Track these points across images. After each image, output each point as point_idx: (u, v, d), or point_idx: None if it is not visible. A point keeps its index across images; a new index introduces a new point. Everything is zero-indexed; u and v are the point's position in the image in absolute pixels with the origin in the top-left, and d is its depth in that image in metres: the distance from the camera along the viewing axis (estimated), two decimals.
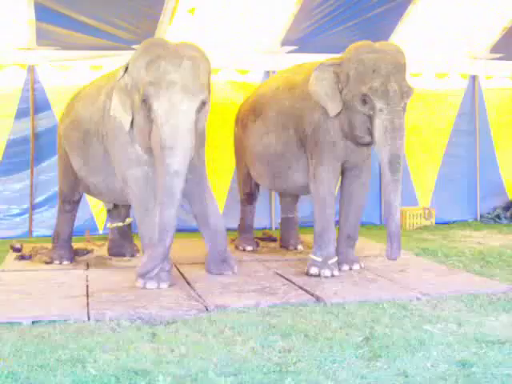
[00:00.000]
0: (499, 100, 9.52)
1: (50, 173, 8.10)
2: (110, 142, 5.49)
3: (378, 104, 5.30)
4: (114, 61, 7.85)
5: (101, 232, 8.08)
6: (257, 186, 7.16)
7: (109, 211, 6.83)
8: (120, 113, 5.22)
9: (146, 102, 4.95)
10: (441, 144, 9.36)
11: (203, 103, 5.05)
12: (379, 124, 5.31)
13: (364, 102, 5.38)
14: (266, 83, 7.09)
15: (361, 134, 5.53)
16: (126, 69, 5.21)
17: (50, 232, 6.75)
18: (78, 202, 6.60)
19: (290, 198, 7.18)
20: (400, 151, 5.34)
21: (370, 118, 5.39)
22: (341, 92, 5.57)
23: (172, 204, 4.86)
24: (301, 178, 6.16)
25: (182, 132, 4.85)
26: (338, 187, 6.08)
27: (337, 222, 6.09)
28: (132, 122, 5.21)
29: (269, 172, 6.55)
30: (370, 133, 5.44)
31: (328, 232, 5.77)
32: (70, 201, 6.49)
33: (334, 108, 5.59)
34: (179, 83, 4.89)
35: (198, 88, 4.99)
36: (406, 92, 5.38)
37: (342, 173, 5.97)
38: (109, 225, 6.85)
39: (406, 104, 5.41)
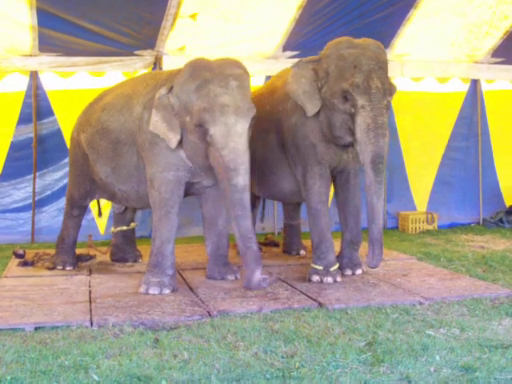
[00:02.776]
0: (500, 104, 9.50)
1: (52, 178, 8.13)
2: (148, 148, 5.54)
3: (361, 101, 5.11)
4: (116, 66, 7.89)
5: (102, 234, 8.08)
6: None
7: (118, 214, 6.84)
8: (163, 131, 5.34)
9: (201, 126, 5.13)
10: (439, 147, 9.35)
11: (252, 119, 5.24)
12: (361, 122, 5.12)
13: (345, 98, 5.19)
14: (255, 92, 7.02)
15: (341, 134, 5.33)
16: (171, 89, 5.33)
17: (52, 237, 6.75)
18: (86, 207, 6.65)
19: (292, 204, 7.13)
20: (383, 150, 5.16)
21: (351, 116, 5.19)
22: (320, 90, 5.42)
23: (247, 215, 5.15)
24: (286, 185, 6.11)
25: (241, 152, 5.08)
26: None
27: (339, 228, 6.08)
28: (181, 140, 5.34)
29: (256, 179, 6.39)
30: (351, 132, 5.24)
31: (324, 241, 5.71)
32: (80, 206, 6.52)
33: (311, 107, 5.44)
34: (231, 105, 5.11)
35: (248, 106, 5.20)
36: (388, 89, 5.22)
37: (333, 179, 5.89)
38: (112, 229, 6.85)
39: (388, 102, 5.25)
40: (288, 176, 6.01)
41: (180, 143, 5.35)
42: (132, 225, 6.78)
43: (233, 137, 5.08)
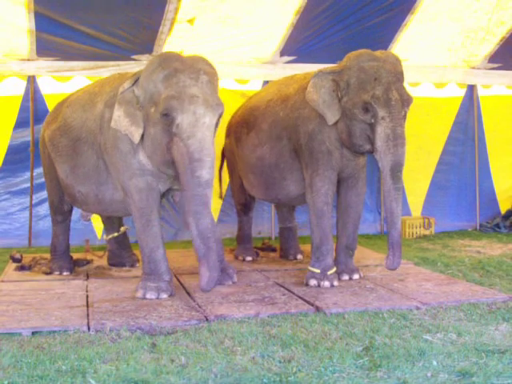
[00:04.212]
0: (496, 109, 9.53)
1: None
2: (110, 152, 5.45)
3: (381, 112, 5.28)
4: (113, 71, 7.88)
5: (99, 239, 8.07)
6: (251, 196, 7.14)
7: (104, 222, 6.80)
8: (126, 126, 5.18)
9: (167, 115, 4.92)
10: (435, 152, 9.37)
11: (220, 117, 5.09)
12: (381, 132, 5.30)
13: (366, 109, 5.35)
14: (256, 96, 7.04)
15: (360, 142, 5.49)
16: (135, 81, 5.20)
17: (49, 241, 6.74)
18: (69, 211, 6.53)
19: (287, 207, 7.17)
20: (402, 159, 5.36)
21: (371, 126, 5.37)
22: (340, 100, 5.55)
23: (207, 213, 4.89)
24: (294, 189, 6.16)
25: (207, 144, 4.87)
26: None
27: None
28: (142, 135, 5.20)
29: (262, 183, 6.52)
30: (370, 141, 5.42)
31: (326, 243, 5.74)
32: (61, 211, 6.45)
33: (331, 116, 5.56)
34: (201, 97, 4.91)
35: (217, 102, 5.02)
36: (406, 100, 5.38)
37: (338, 183, 5.94)
38: (104, 237, 6.83)
39: (406, 112, 5.42)
40: (299, 181, 6.06)
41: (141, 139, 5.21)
42: (122, 229, 6.71)
43: (201, 127, 4.86)
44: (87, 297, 5.35)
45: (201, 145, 4.84)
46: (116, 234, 6.67)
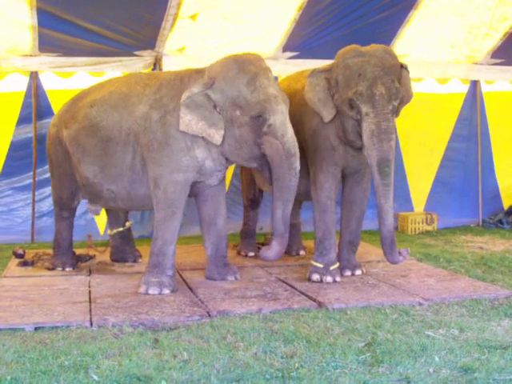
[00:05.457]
0: (499, 105, 9.50)
1: None
2: (156, 148, 5.47)
3: (364, 108, 5.28)
4: (115, 67, 7.89)
5: (101, 234, 8.07)
6: (260, 192, 7.16)
7: (109, 217, 6.82)
8: (203, 128, 5.33)
9: (260, 117, 5.23)
10: (439, 148, 9.35)
11: None
12: (366, 128, 5.29)
13: (351, 106, 5.37)
14: None
15: (353, 138, 5.51)
16: (209, 85, 5.32)
17: (52, 237, 6.75)
18: (76, 208, 6.53)
19: (294, 203, 7.16)
20: (388, 154, 5.30)
21: (359, 123, 5.39)
22: (333, 97, 5.59)
23: (293, 201, 5.42)
24: (303, 184, 6.17)
25: (295, 137, 5.34)
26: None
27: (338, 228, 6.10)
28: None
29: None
30: (361, 137, 5.43)
31: (329, 238, 5.78)
32: (68, 208, 6.42)
33: (327, 114, 5.61)
34: (279, 95, 5.35)
35: (286, 97, 5.49)
36: (394, 94, 5.32)
37: (343, 178, 5.99)
38: (109, 231, 6.83)
39: (395, 106, 5.36)
40: (307, 176, 6.06)
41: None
42: (127, 224, 6.74)
43: (288, 124, 5.32)
44: (90, 292, 5.36)
45: (293, 141, 5.30)
46: (121, 229, 6.69)
